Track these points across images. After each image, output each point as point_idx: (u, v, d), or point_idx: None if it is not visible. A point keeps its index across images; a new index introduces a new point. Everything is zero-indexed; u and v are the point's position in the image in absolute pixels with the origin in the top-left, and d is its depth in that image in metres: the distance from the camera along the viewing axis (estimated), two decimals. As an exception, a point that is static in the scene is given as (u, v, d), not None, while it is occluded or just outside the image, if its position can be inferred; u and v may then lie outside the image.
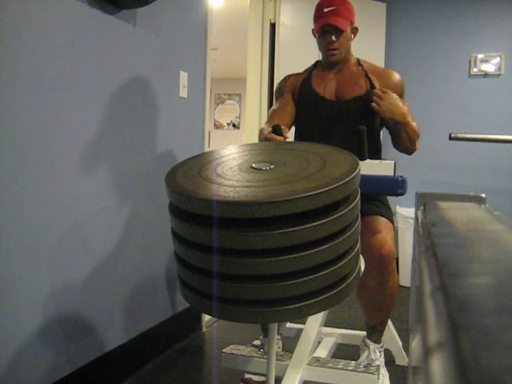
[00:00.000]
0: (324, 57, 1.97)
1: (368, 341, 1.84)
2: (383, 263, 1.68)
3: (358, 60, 1.98)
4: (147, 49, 2.04)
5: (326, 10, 1.86)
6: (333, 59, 1.92)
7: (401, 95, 1.87)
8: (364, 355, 1.83)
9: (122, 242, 1.94)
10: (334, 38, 1.87)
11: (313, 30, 1.94)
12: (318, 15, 1.89)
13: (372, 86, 1.88)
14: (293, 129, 2.06)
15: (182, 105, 2.35)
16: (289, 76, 2.08)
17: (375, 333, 1.84)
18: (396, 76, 1.94)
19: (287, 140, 1.72)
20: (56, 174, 1.58)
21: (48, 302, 1.57)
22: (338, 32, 1.86)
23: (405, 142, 1.83)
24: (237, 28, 5.36)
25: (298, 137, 2.04)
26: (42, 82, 1.50)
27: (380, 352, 1.84)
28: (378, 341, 1.85)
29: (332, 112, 1.91)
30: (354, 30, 1.94)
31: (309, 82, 1.98)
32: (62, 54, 1.57)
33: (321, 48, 1.96)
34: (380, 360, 1.82)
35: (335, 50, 1.89)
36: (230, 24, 5.35)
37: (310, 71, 2.03)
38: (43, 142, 1.52)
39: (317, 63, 2.05)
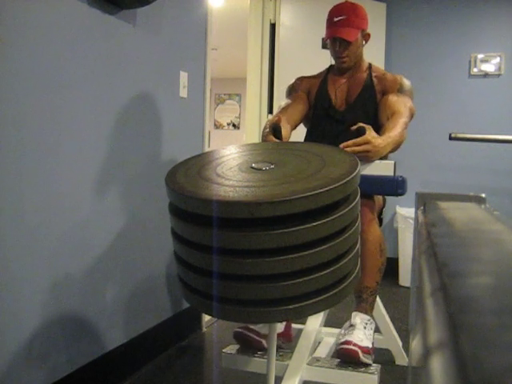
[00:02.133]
0: (335, 63, 2.03)
1: (354, 311, 1.66)
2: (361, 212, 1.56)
3: (370, 65, 2.02)
4: (147, 49, 2.04)
5: (335, 19, 1.88)
6: (343, 66, 1.98)
7: (399, 91, 1.90)
8: (345, 324, 1.65)
9: (122, 242, 1.94)
10: (342, 48, 1.92)
11: (325, 35, 1.96)
12: (329, 24, 1.92)
13: (371, 85, 1.95)
14: (303, 129, 2.10)
15: (182, 105, 2.35)
16: (303, 77, 2.12)
17: (361, 303, 1.68)
18: (399, 78, 1.96)
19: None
20: (56, 173, 1.58)
21: (48, 302, 1.57)
22: (347, 43, 1.90)
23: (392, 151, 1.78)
24: (237, 28, 5.36)
25: (308, 136, 2.09)
26: (42, 82, 1.50)
27: (367, 324, 1.61)
28: (363, 312, 1.65)
29: (342, 122, 1.96)
30: (366, 37, 1.97)
31: (325, 88, 2.04)
32: (61, 54, 1.57)
33: (332, 55, 2.00)
34: (360, 327, 1.58)
35: (345, 57, 1.94)
36: (230, 24, 5.35)
37: (325, 75, 2.08)
38: (43, 142, 1.52)
39: (330, 67, 2.10)
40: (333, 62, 2.06)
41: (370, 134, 1.61)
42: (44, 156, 1.52)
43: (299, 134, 2.08)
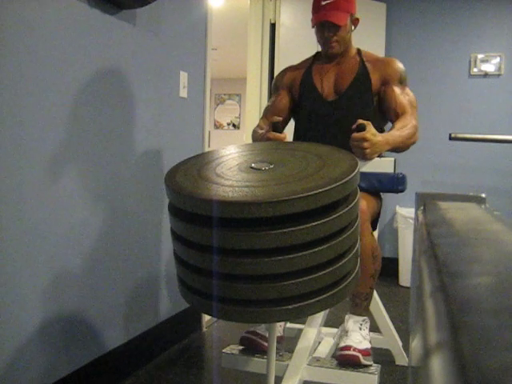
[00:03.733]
0: (323, 49, 1.93)
1: (348, 313, 1.69)
2: None
3: (359, 50, 1.94)
4: (147, 49, 2.04)
5: (323, 2, 1.79)
6: (332, 52, 1.89)
7: (400, 82, 1.86)
8: (341, 326, 1.68)
9: (121, 242, 1.94)
10: (331, 33, 1.83)
11: (312, 20, 1.86)
12: (316, 8, 1.82)
13: (365, 72, 1.87)
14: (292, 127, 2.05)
15: (182, 105, 2.35)
16: (286, 70, 2.04)
17: (355, 306, 1.69)
18: (396, 63, 1.88)
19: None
20: (56, 173, 1.58)
21: (48, 302, 1.57)
22: (336, 28, 1.82)
23: (399, 150, 1.75)
24: (237, 28, 5.36)
25: (296, 133, 2.01)
26: (42, 82, 1.50)
27: (361, 325, 1.63)
28: (358, 313, 1.67)
29: (332, 112, 1.88)
30: (355, 21, 1.88)
31: (310, 78, 1.94)
32: (61, 54, 1.57)
33: (319, 41, 1.91)
34: (354, 329, 1.61)
35: (334, 43, 1.85)
36: (230, 24, 5.35)
37: (310, 64, 1.99)
38: (43, 142, 1.52)
39: (316, 54, 2.01)
40: (319, 49, 1.97)
41: (370, 130, 1.56)
42: (44, 155, 1.52)
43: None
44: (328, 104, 1.90)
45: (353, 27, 1.89)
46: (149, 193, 2.11)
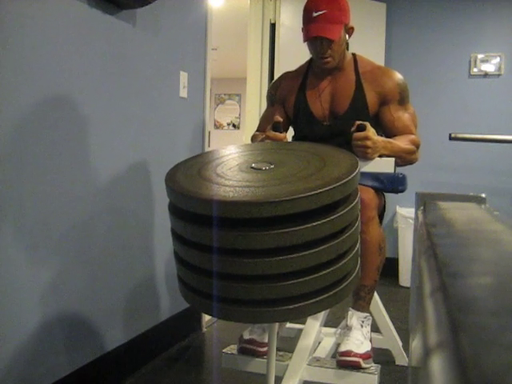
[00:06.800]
0: (316, 63, 1.85)
1: (350, 309, 1.68)
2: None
3: (354, 57, 1.86)
4: (147, 49, 2.04)
5: (315, 14, 1.70)
6: (326, 66, 1.81)
7: (402, 99, 1.79)
8: (342, 323, 1.68)
9: (121, 241, 1.94)
10: (325, 48, 1.74)
11: (302, 29, 1.79)
12: (307, 20, 1.74)
13: (362, 94, 1.79)
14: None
15: (182, 105, 2.35)
16: (281, 80, 1.99)
17: (358, 300, 1.67)
18: (394, 79, 1.80)
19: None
20: (55, 173, 1.58)
21: (48, 302, 1.57)
22: (330, 42, 1.73)
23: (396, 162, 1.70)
24: (237, 28, 5.36)
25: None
26: (42, 81, 1.50)
27: (363, 322, 1.64)
28: (361, 309, 1.67)
29: (329, 135, 1.83)
30: (350, 30, 1.79)
31: (304, 98, 1.88)
32: (61, 54, 1.57)
33: (313, 54, 1.84)
34: (357, 327, 1.61)
35: (328, 57, 1.77)
36: (230, 24, 5.35)
37: (304, 73, 1.93)
38: (43, 141, 1.52)
39: (310, 63, 1.94)
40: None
41: (371, 129, 1.57)
42: (44, 155, 1.52)
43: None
44: (324, 128, 1.86)
45: (347, 37, 1.80)
46: (149, 193, 2.11)
